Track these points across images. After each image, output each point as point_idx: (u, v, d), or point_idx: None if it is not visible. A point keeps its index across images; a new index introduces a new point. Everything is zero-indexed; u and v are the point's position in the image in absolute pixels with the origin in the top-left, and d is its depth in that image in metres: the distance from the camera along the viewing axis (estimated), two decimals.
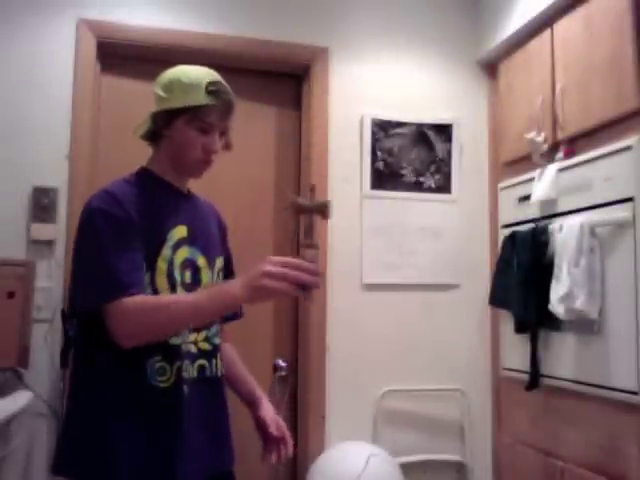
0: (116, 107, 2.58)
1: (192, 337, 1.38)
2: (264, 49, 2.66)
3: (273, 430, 1.49)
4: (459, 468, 2.73)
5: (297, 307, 2.73)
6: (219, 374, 1.45)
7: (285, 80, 2.83)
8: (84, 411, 1.31)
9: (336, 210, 2.69)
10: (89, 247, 1.29)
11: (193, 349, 1.38)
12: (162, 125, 1.40)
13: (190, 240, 1.40)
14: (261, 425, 1.51)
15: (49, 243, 2.35)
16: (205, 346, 1.41)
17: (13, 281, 2.20)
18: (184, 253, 1.38)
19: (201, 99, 1.37)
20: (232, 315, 1.58)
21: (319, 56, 2.73)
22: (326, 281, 2.64)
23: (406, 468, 2.51)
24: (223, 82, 1.44)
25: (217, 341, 1.45)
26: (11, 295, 2.18)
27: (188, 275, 1.38)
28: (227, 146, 1.48)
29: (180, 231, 1.38)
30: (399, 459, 2.51)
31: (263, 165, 2.75)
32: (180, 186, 1.46)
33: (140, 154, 2.74)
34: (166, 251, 1.35)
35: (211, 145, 1.40)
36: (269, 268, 1.15)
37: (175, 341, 1.33)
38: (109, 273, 1.25)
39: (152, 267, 1.32)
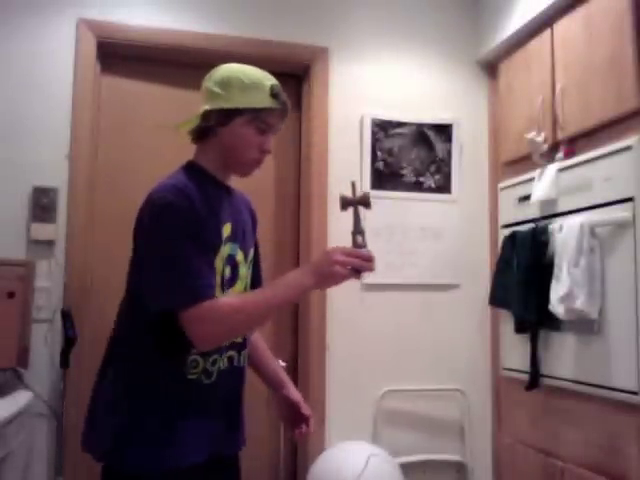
0: (116, 107, 2.58)
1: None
2: (264, 49, 2.65)
3: (305, 410, 1.54)
4: (459, 468, 2.73)
5: (297, 307, 2.73)
6: (243, 364, 1.48)
7: (285, 80, 2.79)
8: (122, 393, 1.33)
9: (336, 210, 2.68)
10: (168, 245, 1.27)
11: (238, 339, 1.43)
12: (218, 122, 1.38)
13: (233, 237, 1.41)
14: (291, 404, 1.55)
15: (49, 243, 2.35)
16: (237, 339, 1.44)
17: (13, 281, 2.20)
18: (227, 249, 1.40)
19: (266, 101, 1.37)
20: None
21: (319, 56, 2.73)
22: None
23: (406, 468, 2.51)
24: (279, 85, 1.43)
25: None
26: (11, 295, 2.18)
27: (228, 270, 1.40)
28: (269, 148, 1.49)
29: (227, 228, 1.40)
30: (399, 459, 2.51)
31: (263, 165, 2.73)
32: (224, 180, 1.46)
33: (140, 154, 2.75)
34: (222, 249, 1.36)
35: (267, 145, 1.42)
36: (338, 257, 1.29)
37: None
38: (191, 276, 1.25)
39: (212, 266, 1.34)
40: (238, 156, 1.41)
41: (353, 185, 1.47)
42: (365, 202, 1.47)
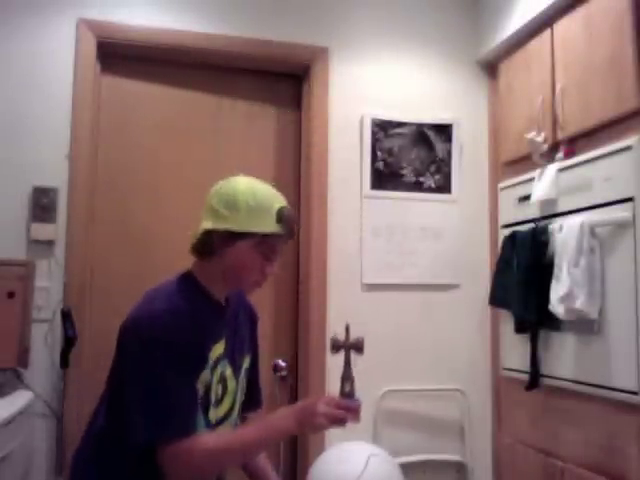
0: (116, 107, 2.58)
1: (220, 429, 1.38)
2: (264, 49, 2.65)
3: None
4: (459, 468, 2.73)
5: (297, 307, 2.73)
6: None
7: (285, 80, 2.83)
8: None
9: (336, 210, 2.70)
10: (151, 377, 1.23)
11: None
12: (221, 244, 1.33)
13: (225, 354, 1.38)
14: None
15: (49, 243, 2.35)
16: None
17: (13, 281, 2.20)
18: (220, 369, 1.37)
19: (273, 227, 1.33)
20: (254, 406, 1.61)
21: (319, 56, 2.73)
22: (326, 281, 2.64)
23: (406, 468, 2.51)
24: (288, 206, 1.39)
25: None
26: (11, 295, 2.18)
27: (220, 390, 1.37)
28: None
29: (219, 348, 1.36)
30: (399, 459, 2.51)
31: (263, 165, 2.75)
32: (222, 298, 1.42)
33: (140, 154, 2.75)
34: (205, 374, 1.31)
35: (272, 270, 1.38)
36: (322, 409, 1.28)
37: None
38: (172, 412, 1.22)
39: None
40: (239, 278, 1.37)
41: (347, 328, 1.43)
42: (358, 347, 1.43)
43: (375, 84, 2.79)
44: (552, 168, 2.32)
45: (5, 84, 2.37)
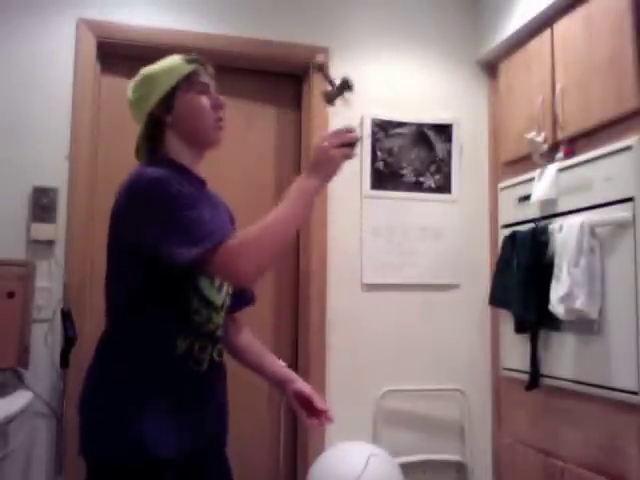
0: (116, 107, 2.58)
1: (222, 318, 1.41)
2: (264, 49, 2.66)
3: (320, 404, 1.48)
4: (459, 468, 2.73)
5: (297, 307, 2.73)
6: (223, 357, 1.48)
7: (285, 80, 2.83)
8: (114, 380, 1.31)
9: (336, 210, 2.70)
10: (170, 207, 1.24)
11: (220, 333, 1.42)
12: (163, 113, 1.41)
13: None
14: (305, 397, 1.49)
15: (49, 243, 2.35)
16: (221, 332, 1.44)
17: (13, 281, 2.20)
18: None
19: (186, 68, 1.42)
20: (245, 301, 1.59)
21: (319, 56, 2.73)
22: (326, 281, 2.64)
23: (406, 468, 2.51)
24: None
25: (221, 332, 1.46)
26: (11, 295, 2.18)
27: None
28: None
29: None
30: (399, 459, 2.51)
31: (263, 165, 2.75)
32: (198, 171, 1.46)
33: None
34: None
35: (217, 100, 1.45)
36: (326, 143, 1.35)
37: (205, 327, 1.36)
38: (206, 224, 1.24)
39: None
40: (198, 125, 1.42)
41: (320, 68, 1.52)
42: (347, 87, 1.47)
43: (375, 84, 2.79)
44: (552, 168, 2.32)
45: (5, 84, 2.37)
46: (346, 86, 1.45)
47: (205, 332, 1.37)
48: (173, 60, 1.44)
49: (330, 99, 1.46)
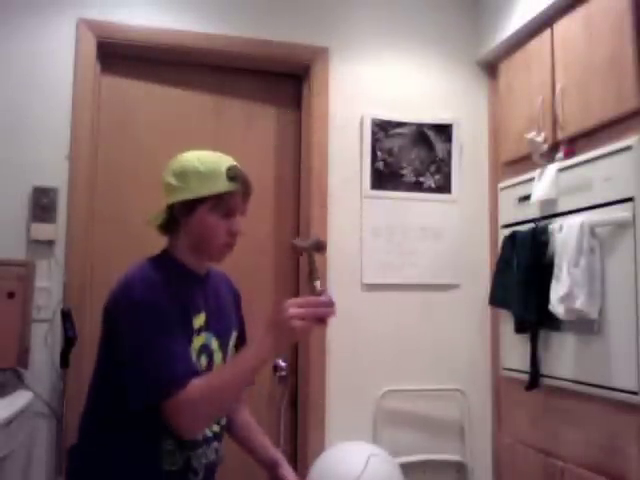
0: (116, 107, 2.58)
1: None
2: (264, 49, 2.66)
3: None
4: (459, 468, 2.73)
5: None
6: (223, 453, 1.47)
7: (285, 80, 2.83)
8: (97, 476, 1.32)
9: (336, 210, 2.70)
10: (140, 341, 1.26)
11: (209, 433, 1.39)
12: (182, 214, 1.38)
13: (207, 326, 1.39)
14: None
15: (49, 243, 2.35)
16: (216, 428, 1.42)
17: (13, 281, 2.20)
18: (201, 340, 1.37)
19: (223, 186, 1.36)
20: None
21: (319, 56, 2.73)
22: (326, 281, 2.64)
23: (406, 468, 2.51)
24: (238, 165, 1.42)
25: (224, 421, 1.47)
26: (11, 295, 2.18)
27: (204, 361, 1.37)
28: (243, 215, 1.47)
29: (200, 319, 1.37)
30: (399, 459, 2.51)
31: (263, 165, 2.75)
32: (199, 270, 1.44)
33: (140, 154, 2.75)
34: (194, 340, 1.34)
35: (235, 228, 1.40)
36: (293, 311, 1.20)
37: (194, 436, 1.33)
38: (168, 367, 1.23)
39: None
40: (207, 243, 1.39)
41: (299, 232, 1.42)
42: (319, 247, 1.38)
43: (375, 84, 2.79)
44: (552, 168, 2.32)
45: (5, 84, 2.37)
46: (319, 247, 1.37)
47: (195, 440, 1.34)
48: (218, 167, 1.37)
49: (298, 251, 1.41)
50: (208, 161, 1.38)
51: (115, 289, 1.33)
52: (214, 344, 1.41)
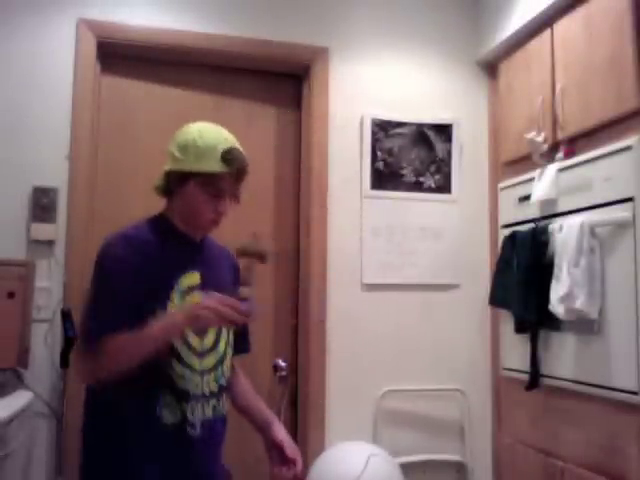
0: (116, 107, 2.58)
1: (206, 379, 1.45)
2: (264, 49, 2.66)
3: (290, 452, 1.55)
4: (459, 468, 2.73)
5: (297, 307, 2.73)
6: (225, 412, 1.52)
7: (285, 80, 2.83)
8: (103, 443, 1.39)
9: (336, 210, 2.70)
10: (93, 287, 1.42)
11: (206, 391, 1.45)
12: (175, 184, 1.45)
13: (202, 286, 1.45)
14: (276, 445, 1.56)
15: (49, 243, 2.35)
16: (214, 387, 1.47)
17: (13, 281, 2.20)
18: (195, 299, 1.43)
19: (215, 166, 1.41)
20: (241, 349, 1.63)
21: (319, 56, 2.73)
22: (326, 281, 2.65)
23: (406, 468, 2.51)
24: (238, 147, 1.46)
25: (223, 382, 1.51)
26: (11, 295, 2.18)
27: None
28: (236, 201, 1.51)
29: (191, 278, 1.44)
30: (399, 459, 2.51)
31: (263, 165, 2.75)
32: (193, 235, 1.51)
33: (140, 154, 2.75)
34: (175, 297, 1.41)
35: (220, 209, 1.45)
36: (207, 303, 1.32)
37: (182, 382, 1.40)
38: (92, 320, 1.38)
39: (164, 311, 1.39)
40: (193, 217, 1.47)
41: (254, 236, 1.54)
42: (261, 257, 1.43)
43: (375, 84, 2.79)
44: (552, 168, 2.32)
45: (5, 84, 2.37)
46: (261, 256, 1.43)
47: (193, 394, 1.41)
48: (214, 147, 1.42)
49: (240, 254, 1.46)
50: (208, 137, 1.43)
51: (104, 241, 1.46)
52: None
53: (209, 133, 1.44)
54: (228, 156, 1.41)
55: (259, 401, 1.66)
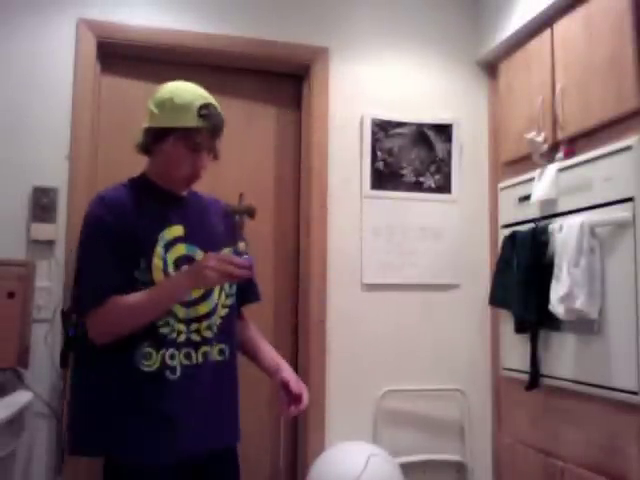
0: (116, 107, 2.58)
1: (194, 327, 1.49)
2: (264, 49, 2.65)
3: (295, 388, 1.56)
4: (459, 468, 2.73)
5: (297, 307, 2.73)
6: (224, 358, 1.55)
7: (285, 80, 2.83)
8: (87, 391, 1.45)
9: (336, 210, 2.70)
10: (80, 252, 1.48)
11: (196, 338, 1.50)
12: (152, 141, 1.51)
13: (186, 238, 1.51)
14: (284, 385, 1.58)
15: (49, 243, 2.35)
16: (208, 334, 1.51)
17: (13, 281, 2.20)
18: (180, 250, 1.50)
19: (191, 121, 1.46)
20: (251, 298, 1.71)
21: (319, 56, 2.73)
22: (326, 281, 2.65)
23: (406, 468, 2.51)
24: (214, 103, 1.52)
25: (217, 329, 1.55)
26: (11, 295, 2.18)
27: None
28: (215, 157, 1.56)
29: (174, 231, 1.50)
30: (399, 459, 2.51)
31: (263, 165, 2.75)
32: (176, 190, 1.57)
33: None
34: (159, 249, 1.46)
35: (199, 163, 1.51)
36: (209, 262, 1.38)
37: (163, 330, 1.45)
38: (90, 282, 1.44)
39: (149, 265, 1.45)
40: (171, 172, 1.52)
41: (241, 196, 1.56)
42: (249, 212, 1.52)
43: (375, 84, 2.79)
44: (552, 168, 2.32)
45: (5, 84, 2.36)
46: (249, 212, 1.52)
47: (172, 341, 1.46)
48: (191, 103, 1.48)
49: (229, 213, 1.56)
50: (184, 94, 1.49)
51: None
52: (198, 255, 1.52)
53: (185, 90, 1.51)
54: (204, 111, 1.47)
55: (268, 346, 1.71)
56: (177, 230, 1.50)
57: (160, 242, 1.47)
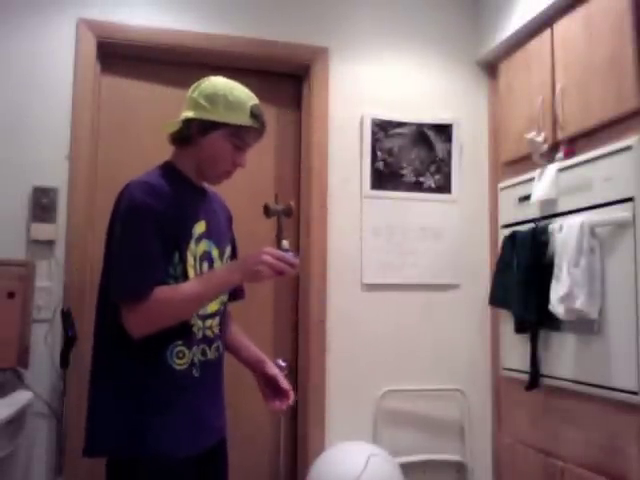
0: (116, 107, 2.58)
1: (208, 323, 1.50)
2: (264, 49, 2.66)
3: (283, 384, 1.60)
4: (459, 468, 2.73)
5: (297, 307, 2.73)
6: (221, 353, 1.58)
7: (285, 80, 2.83)
8: (115, 389, 1.41)
9: (336, 210, 2.70)
10: (124, 238, 1.39)
11: (209, 334, 1.51)
12: (197, 132, 1.49)
13: (207, 234, 1.51)
14: (270, 380, 1.62)
15: (49, 243, 2.35)
16: (216, 330, 1.54)
17: (13, 281, 2.20)
18: (203, 246, 1.50)
19: (245, 120, 1.49)
20: (239, 295, 1.71)
21: (319, 56, 2.73)
22: (326, 281, 2.64)
23: (406, 468, 2.51)
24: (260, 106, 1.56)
25: (224, 325, 1.58)
26: (11, 295, 2.18)
27: (205, 266, 1.49)
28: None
29: (201, 226, 1.50)
30: (399, 459, 2.51)
31: (263, 165, 2.75)
32: (200, 184, 1.58)
33: (140, 154, 2.75)
34: (192, 245, 1.46)
35: (242, 161, 1.54)
36: (266, 258, 1.38)
37: (194, 328, 1.45)
38: (138, 272, 1.36)
39: (183, 259, 1.43)
40: (212, 166, 1.52)
41: (276, 196, 1.63)
42: (287, 212, 1.58)
43: (375, 84, 2.79)
44: (552, 168, 2.32)
45: (5, 84, 2.37)
46: (287, 211, 1.58)
47: (195, 338, 1.46)
48: (245, 103, 1.51)
49: (269, 213, 1.59)
50: (238, 93, 1.52)
51: (120, 193, 1.46)
52: (215, 252, 1.53)
53: (238, 89, 1.53)
54: (257, 112, 1.52)
55: (250, 341, 1.72)
56: (202, 225, 1.50)
57: (194, 237, 1.46)
